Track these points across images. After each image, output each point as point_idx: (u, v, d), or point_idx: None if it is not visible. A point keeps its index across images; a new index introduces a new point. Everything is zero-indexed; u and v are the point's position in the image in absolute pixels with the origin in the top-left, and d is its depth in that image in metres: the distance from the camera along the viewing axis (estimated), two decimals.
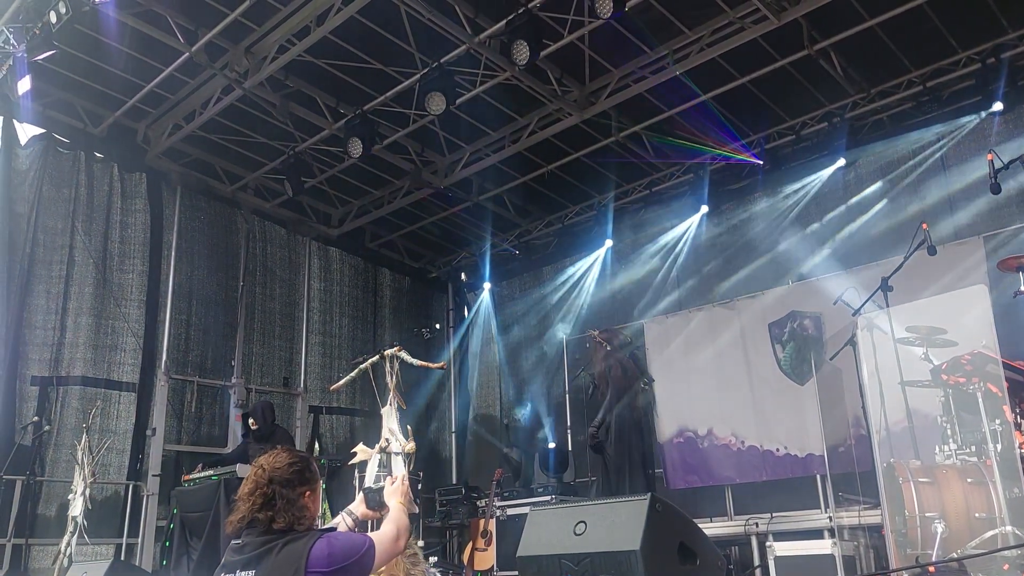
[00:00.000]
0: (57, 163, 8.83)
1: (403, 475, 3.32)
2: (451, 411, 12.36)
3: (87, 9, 6.79)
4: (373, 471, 4.57)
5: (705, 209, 9.87)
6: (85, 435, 7.36)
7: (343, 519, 3.14)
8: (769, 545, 6.49)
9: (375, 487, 3.25)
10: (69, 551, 6.89)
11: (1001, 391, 4.91)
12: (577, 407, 10.29)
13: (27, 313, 8.37)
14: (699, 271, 10.09)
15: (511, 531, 8.12)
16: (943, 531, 4.83)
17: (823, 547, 6.23)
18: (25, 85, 7.30)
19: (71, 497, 7.10)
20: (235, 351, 10.00)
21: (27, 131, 8.68)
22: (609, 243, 10.72)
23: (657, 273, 10.36)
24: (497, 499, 8.87)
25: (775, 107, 9.02)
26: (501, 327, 12.04)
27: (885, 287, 5.71)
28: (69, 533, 6.94)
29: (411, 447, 4.63)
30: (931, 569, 4.65)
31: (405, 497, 3.15)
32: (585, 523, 3.82)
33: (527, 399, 11.12)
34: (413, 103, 8.49)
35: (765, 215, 9.59)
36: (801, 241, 9.02)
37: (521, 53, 7.03)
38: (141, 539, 8.36)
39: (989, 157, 5.09)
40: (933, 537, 4.85)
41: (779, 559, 6.32)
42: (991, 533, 4.72)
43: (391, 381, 4.79)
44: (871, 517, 6.44)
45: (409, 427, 4.74)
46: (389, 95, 8.49)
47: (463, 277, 12.93)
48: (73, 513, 6.97)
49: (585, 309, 10.94)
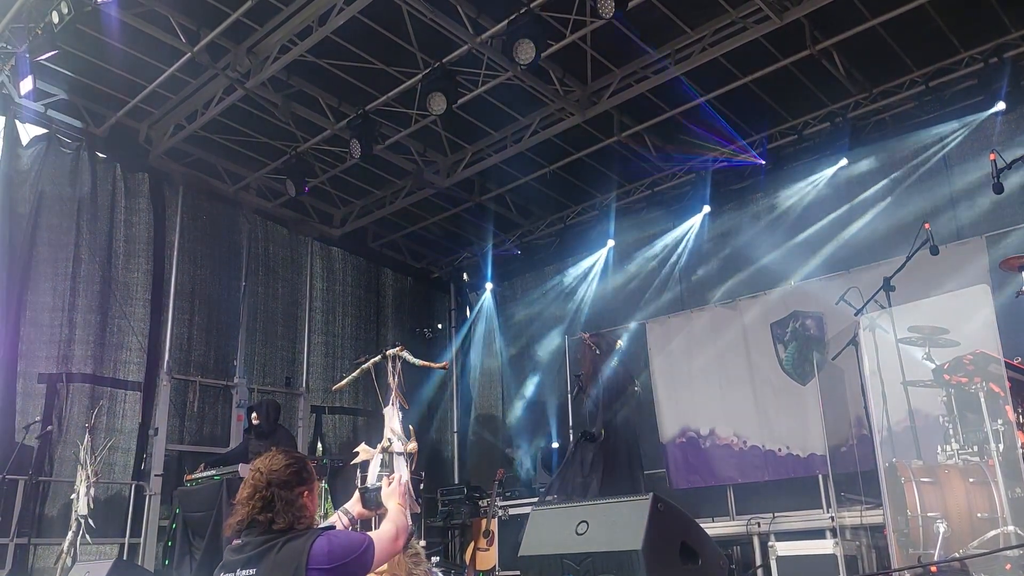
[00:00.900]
0: (60, 163, 8.83)
1: (399, 476, 3.33)
2: (453, 411, 12.36)
3: (89, 9, 6.79)
4: (375, 471, 4.56)
5: (707, 209, 9.86)
6: (88, 434, 7.39)
7: (339, 518, 3.16)
8: (771, 545, 6.49)
9: (371, 487, 3.27)
10: (72, 551, 6.91)
11: (1003, 391, 4.90)
12: (579, 407, 10.28)
13: (33, 311, 8.38)
14: (701, 271, 10.09)
15: (513, 531, 8.13)
16: (945, 531, 4.82)
17: (825, 547, 6.23)
18: (27, 85, 7.32)
19: (74, 496, 7.12)
20: (237, 351, 10.01)
21: (29, 131, 8.69)
22: (611, 243, 10.72)
23: (659, 273, 10.37)
24: (499, 499, 8.87)
25: (777, 107, 9.01)
26: (503, 327, 12.04)
27: (887, 287, 5.71)
28: (72, 533, 6.96)
29: (413, 447, 4.63)
30: (933, 569, 4.64)
31: (402, 497, 3.17)
32: (587, 523, 3.83)
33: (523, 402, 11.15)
34: (415, 103, 8.49)
35: (767, 215, 9.58)
36: (803, 241, 9.01)
37: (525, 52, 7.03)
38: (143, 539, 8.36)
39: (991, 157, 5.08)
40: (935, 537, 4.84)
41: (781, 559, 6.33)
42: (993, 533, 4.72)
43: (393, 381, 4.78)
44: (873, 517, 6.43)
45: (411, 427, 4.74)
46: (391, 95, 8.50)
47: (465, 277, 12.92)
48: (76, 513, 6.99)
49: (587, 309, 10.94)
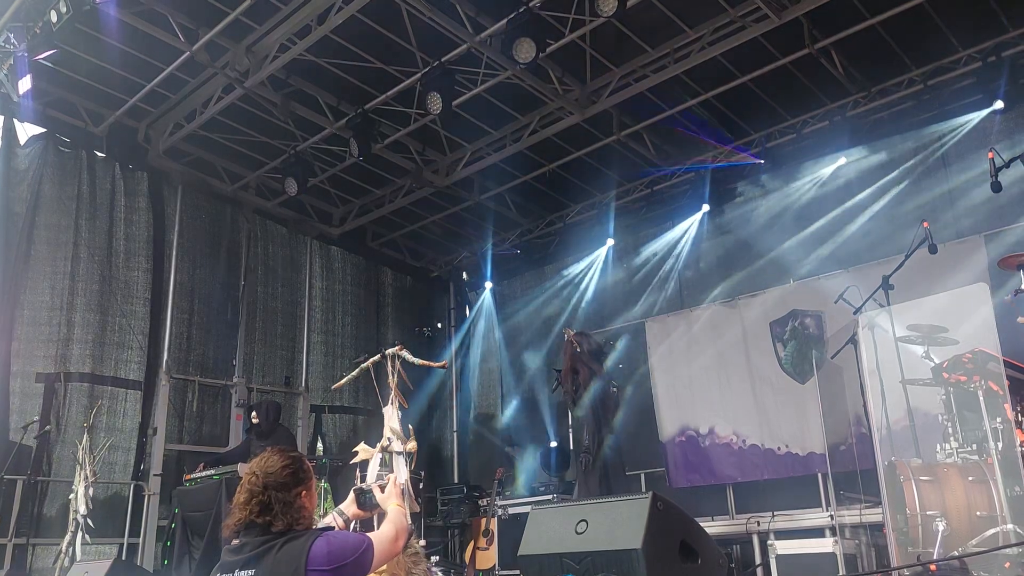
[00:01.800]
0: (59, 162, 8.82)
1: (394, 477, 3.33)
2: (452, 410, 12.35)
3: (88, 8, 6.78)
4: (375, 470, 4.56)
5: (706, 208, 9.84)
6: (86, 434, 7.38)
7: (334, 518, 3.15)
8: (770, 543, 6.49)
9: (366, 487, 3.26)
10: (71, 550, 6.90)
11: (1002, 389, 4.90)
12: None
13: (32, 311, 8.37)
14: (700, 270, 10.09)
15: (513, 530, 8.12)
16: (944, 529, 4.83)
17: (824, 545, 6.23)
18: (26, 84, 7.30)
19: (72, 496, 7.11)
20: (236, 350, 10.01)
21: (27, 131, 8.69)
22: (610, 242, 10.71)
23: (658, 272, 10.36)
24: (499, 498, 8.87)
25: (776, 106, 9.01)
26: (502, 326, 12.03)
27: (886, 286, 5.71)
28: (71, 533, 6.96)
29: (412, 446, 4.63)
30: (932, 567, 4.65)
31: (399, 498, 3.17)
32: (586, 522, 3.83)
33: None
34: (414, 102, 8.50)
35: (766, 214, 9.57)
36: (802, 240, 9.00)
37: (524, 51, 7.02)
38: (142, 539, 8.36)
39: (990, 155, 5.07)
40: (934, 535, 4.85)
41: (780, 557, 6.33)
42: (992, 531, 4.72)
43: (392, 380, 4.78)
44: (872, 515, 6.43)
45: (411, 426, 4.74)
46: (390, 94, 8.49)
47: (464, 276, 12.92)
48: (75, 513, 6.98)
49: (586, 308, 10.93)
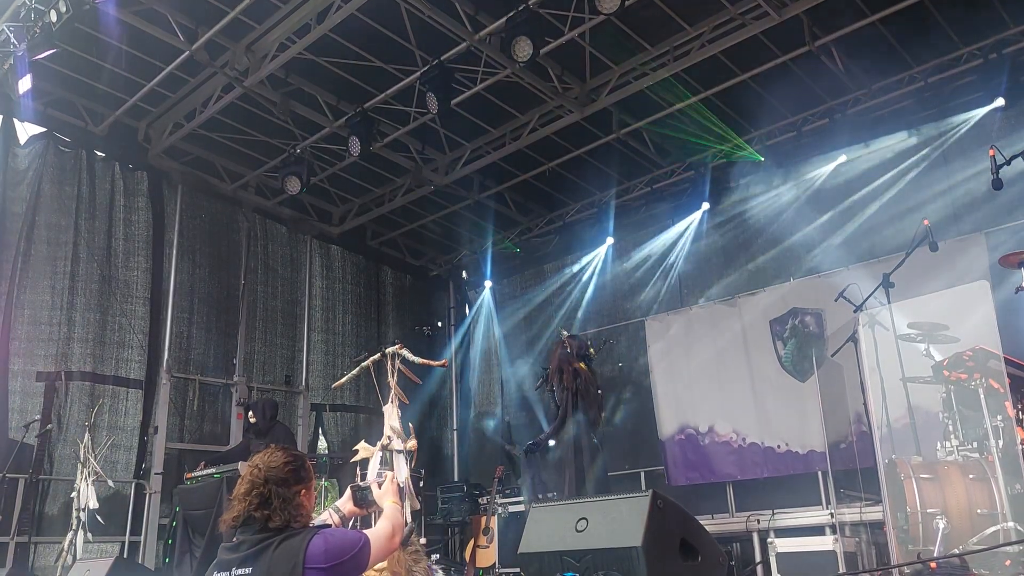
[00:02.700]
0: (58, 162, 8.81)
1: (391, 475, 3.34)
2: (452, 408, 12.37)
3: (87, 8, 6.78)
4: (375, 468, 4.57)
5: (706, 206, 9.86)
6: (88, 433, 7.39)
7: (331, 515, 3.17)
8: (771, 541, 6.49)
9: (362, 485, 3.27)
10: (73, 549, 6.91)
11: (1003, 387, 4.90)
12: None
13: (32, 310, 8.37)
14: (700, 268, 10.10)
15: (513, 528, 8.12)
16: (945, 527, 4.82)
17: (825, 543, 6.22)
18: (26, 84, 7.30)
19: (74, 495, 7.12)
20: (237, 349, 10.01)
21: (27, 130, 8.69)
22: (610, 240, 10.72)
23: (658, 270, 10.37)
24: (499, 496, 8.87)
25: (776, 103, 8.99)
26: (502, 324, 12.03)
27: (887, 283, 5.71)
28: (72, 531, 6.96)
29: (412, 444, 4.64)
30: (933, 565, 4.64)
31: (396, 495, 3.17)
32: (587, 520, 3.83)
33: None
34: (413, 101, 8.49)
35: (766, 212, 9.56)
36: (802, 238, 9.00)
37: (524, 49, 7.02)
38: (144, 537, 8.37)
39: (991, 153, 5.06)
40: (935, 533, 4.84)
41: (780, 555, 6.32)
42: (993, 529, 4.72)
43: (393, 379, 4.79)
44: (872, 513, 6.44)
45: (411, 424, 4.75)
46: (389, 93, 8.49)
47: (464, 275, 12.93)
48: (77, 511, 6.99)
49: (586, 306, 10.94)
